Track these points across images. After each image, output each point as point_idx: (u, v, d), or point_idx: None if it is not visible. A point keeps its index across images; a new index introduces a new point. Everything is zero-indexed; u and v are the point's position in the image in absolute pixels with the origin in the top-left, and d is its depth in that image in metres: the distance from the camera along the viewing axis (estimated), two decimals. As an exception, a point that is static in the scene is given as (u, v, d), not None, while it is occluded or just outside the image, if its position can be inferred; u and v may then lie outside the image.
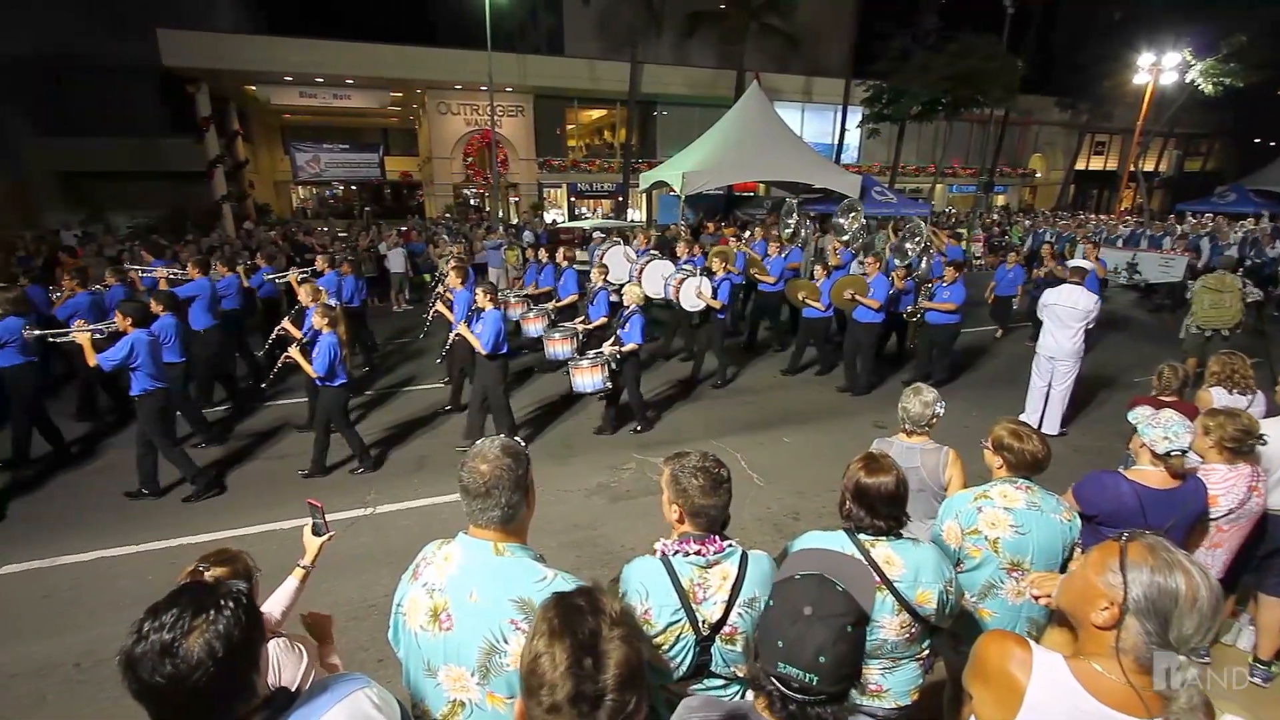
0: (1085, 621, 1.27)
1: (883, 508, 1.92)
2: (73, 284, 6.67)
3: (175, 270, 8.28)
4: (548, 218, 22.15)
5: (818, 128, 26.00)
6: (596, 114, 25.81)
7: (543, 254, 8.36)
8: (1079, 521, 2.28)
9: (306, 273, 7.98)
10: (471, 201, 24.51)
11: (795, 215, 10.51)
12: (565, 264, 8.64)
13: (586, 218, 23.53)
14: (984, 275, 13.63)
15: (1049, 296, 6.18)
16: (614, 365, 5.98)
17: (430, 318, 7.00)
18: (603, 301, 7.16)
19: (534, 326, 7.53)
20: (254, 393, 7.38)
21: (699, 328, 8.26)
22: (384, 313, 12.01)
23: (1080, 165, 33.17)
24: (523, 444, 1.63)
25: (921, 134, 25.57)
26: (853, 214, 10.12)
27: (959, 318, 7.66)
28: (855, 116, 23.78)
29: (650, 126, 24.84)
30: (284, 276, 8.13)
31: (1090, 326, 6.13)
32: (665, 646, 1.64)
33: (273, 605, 2.17)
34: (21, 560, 4.31)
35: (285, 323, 6.09)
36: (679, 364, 8.77)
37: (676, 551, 1.69)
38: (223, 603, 1.06)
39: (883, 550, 1.91)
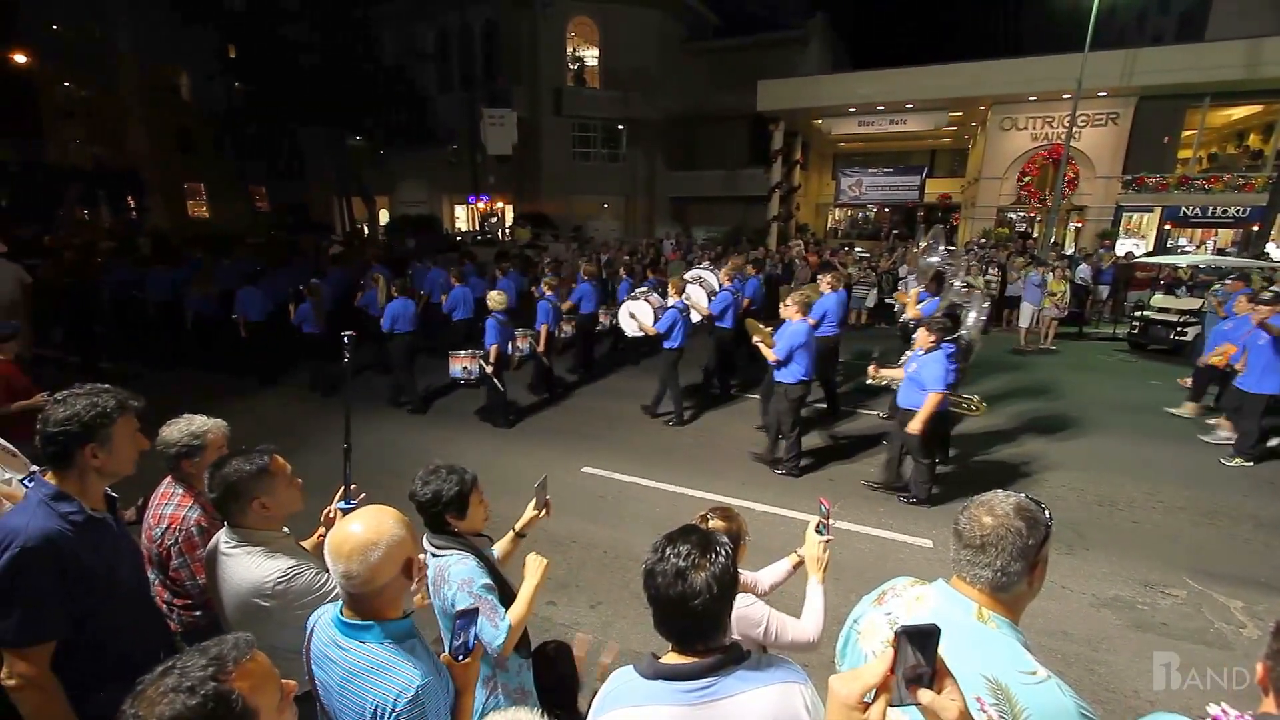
0: None
1: None
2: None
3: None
4: (1120, 249, 17.38)
5: None
6: (1238, 113, 18.97)
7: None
8: None
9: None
10: (1017, 226, 21.68)
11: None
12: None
13: (1185, 251, 17.65)
14: None
15: None
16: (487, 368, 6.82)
17: None
18: (543, 312, 7.93)
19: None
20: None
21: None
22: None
23: None
24: (1048, 512, 1.32)
25: None
26: (928, 243, 7.15)
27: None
28: None
29: (1346, 123, 16.66)
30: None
31: None
32: None
33: (765, 576, 2.41)
34: (595, 466, 6.12)
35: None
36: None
37: None
38: (719, 550, 1.30)
39: None
